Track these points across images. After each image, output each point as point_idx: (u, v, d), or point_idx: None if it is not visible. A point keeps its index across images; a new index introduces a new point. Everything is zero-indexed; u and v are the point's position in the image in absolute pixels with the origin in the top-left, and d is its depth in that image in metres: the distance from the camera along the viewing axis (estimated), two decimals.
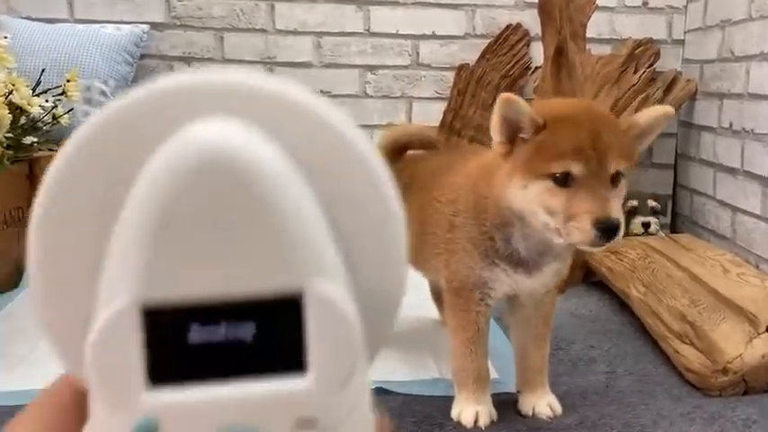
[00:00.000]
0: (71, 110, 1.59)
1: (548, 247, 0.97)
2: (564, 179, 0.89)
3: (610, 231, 0.87)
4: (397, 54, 2.08)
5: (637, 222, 1.87)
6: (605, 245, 0.89)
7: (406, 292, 0.22)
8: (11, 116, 1.39)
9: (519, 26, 2.04)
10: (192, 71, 0.20)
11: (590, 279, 1.74)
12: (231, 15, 2.05)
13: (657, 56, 1.96)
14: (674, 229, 2.10)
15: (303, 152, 0.20)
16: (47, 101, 1.51)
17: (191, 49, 2.05)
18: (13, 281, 1.58)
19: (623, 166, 0.90)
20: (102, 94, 1.85)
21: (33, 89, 1.49)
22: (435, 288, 1.37)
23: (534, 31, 2.00)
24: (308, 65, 2.08)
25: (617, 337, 1.43)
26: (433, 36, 2.07)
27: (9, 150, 1.42)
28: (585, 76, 1.73)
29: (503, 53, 2.02)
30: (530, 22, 2.02)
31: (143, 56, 2.00)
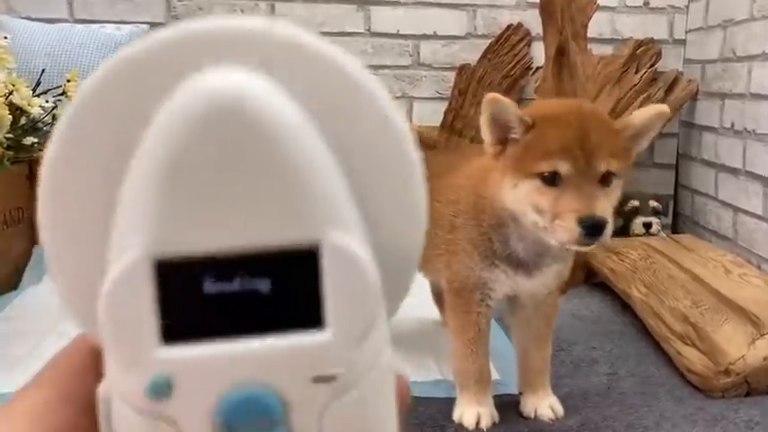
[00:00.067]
0: None
1: (545, 247, 0.96)
2: (552, 178, 0.89)
3: (595, 229, 0.86)
4: (397, 54, 2.08)
5: (638, 223, 1.87)
6: (592, 244, 0.88)
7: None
8: (11, 117, 1.38)
9: (520, 26, 2.04)
10: (203, 18, 0.19)
11: (591, 280, 1.73)
12: (231, 15, 2.04)
13: (659, 56, 1.95)
14: (675, 229, 2.10)
15: (316, 100, 0.19)
16: (47, 101, 1.50)
17: None
18: (13, 281, 1.57)
19: (615, 166, 0.89)
20: None
21: (33, 89, 1.49)
22: (436, 289, 1.37)
23: (535, 30, 2.00)
24: None
25: (619, 339, 1.43)
26: (433, 36, 2.07)
27: (9, 151, 1.42)
28: (587, 76, 1.72)
29: (504, 53, 2.02)
30: (531, 21, 2.01)
31: None
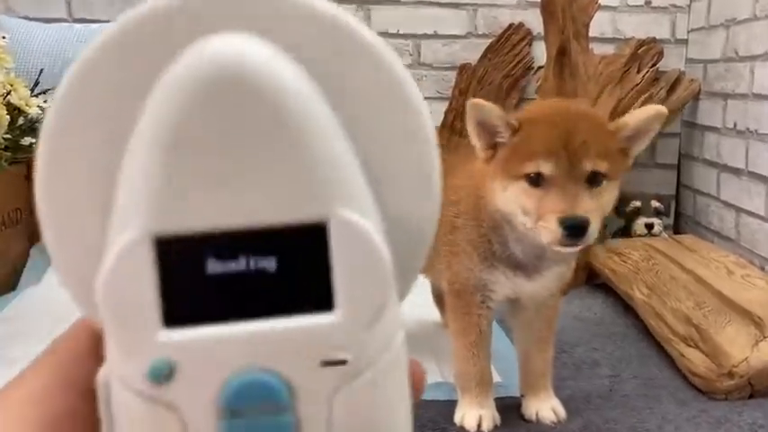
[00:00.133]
0: None
1: (544, 249, 0.95)
2: (537, 179, 0.89)
3: (576, 230, 0.85)
4: (398, 54, 2.07)
5: (640, 223, 1.86)
6: (576, 244, 0.88)
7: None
8: (9, 117, 1.38)
9: (521, 25, 2.03)
10: None
11: (593, 281, 1.73)
12: None
13: (661, 55, 1.94)
14: (677, 229, 2.09)
15: (323, 65, 0.18)
16: (45, 101, 1.50)
17: None
18: (11, 282, 1.57)
19: (604, 166, 0.89)
20: None
21: (32, 89, 1.48)
22: (437, 290, 1.37)
23: (536, 30, 1.99)
24: None
25: (621, 340, 1.42)
26: (434, 35, 2.06)
27: (7, 152, 1.41)
28: (588, 75, 1.71)
29: (505, 53, 2.01)
30: (532, 21, 2.00)
31: None
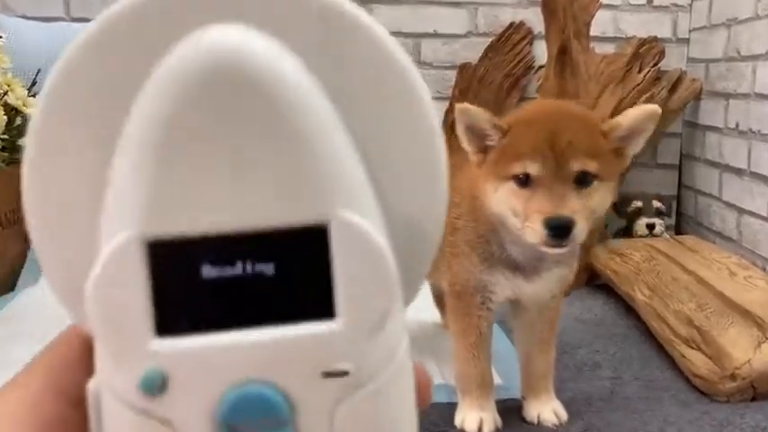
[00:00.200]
0: None
1: (539, 251, 0.95)
2: (525, 180, 0.89)
3: (561, 230, 0.85)
4: None
5: (641, 224, 1.85)
6: (561, 245, 0.87)
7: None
8: (6, 117, 1.37)
9: (522, 24, 2.02)
10: None
11: (594, 282, 1.72)
12: None
13: (662, 55, 1.93)
14: (678, 230, 2.08)
15: (324, 60, 0.17)
16: None
17: None
18: (10, 283, 1.56)
19: (593, 166, 0.88)
20: None
21: (29, 90, 1.47)
22: (437, 291, 1.36)
23: (537, 29, 1.98)
24: None
25: (622, 342, 1.41)
26: (434, 35, 2.05)
27: (4, 152, 1.41)
28: (589, 75, 1.70)
29: (505, 52, 2.00)
30: (533, 19, 1.99)
31: None
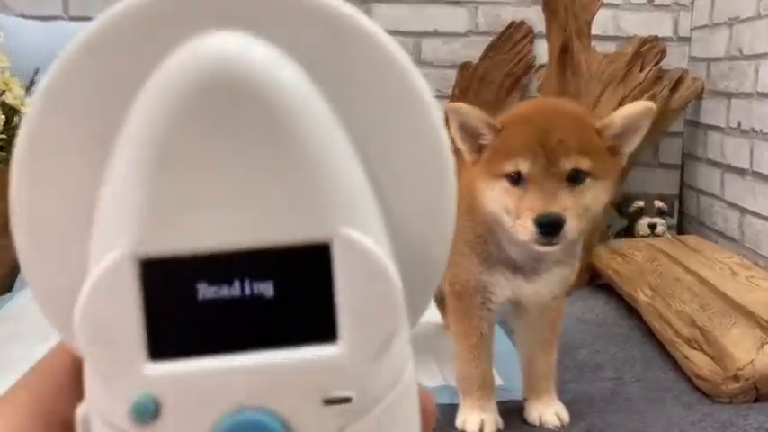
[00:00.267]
0: None
1: (534, 250, 0.94)
2: (517, 178, 0.89)
3: (550, 228, 0.85)
4: None
5: (643, 223, 1.85)
6: (551, 243, 0.87)
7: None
8: (4, 117, 1.37)
9: (522, 23, 2.01)
10: None
11: (596, 282, 1.71)
12: None
13: (663, 54, 1.92)
14: (680, 230, 2.07)
15: (326, 68, 0.16)
16: None
17: None
18: (8, 283, 1.56)
19: (585, 164, 0.88)
20: None
21: (27, 89, 1.47)
22: (438, 292, 1.35)
23: (538, 28, 1.97)
24: None
25: (624, 342, 1.41)
26: (435, 33, 2.04)
27: (2, 152, 1.40)
28: (591, 74, 1.70)
29: (506, 51, 1.99)
30: (534, 18, 1.98)
31: None
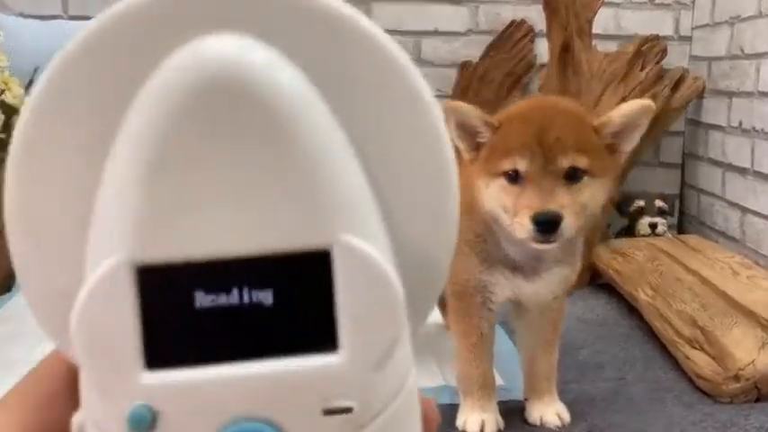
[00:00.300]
0: None
1: (536, 249, 0.94)
2: (515, 176, 0.89)
3: (548, 225, 0.85)
4: None
5: (644, 223, 1.84)
6: (549, 241, 0.87)
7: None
8: (3, 116, 1.36)
9: (523, 22, 2.01)
10: None
11: (596, 281, 1.71)
12: None
13: (664, 53, 1.91)
14: (681, 229, 2.07)
15: (327, 72, 0.16)
16: None
17: None
18: (8, 284, 1.55)
19: (583, 162, 0.88)
20: None
21: (26, 88, 1.46)
22: None
23: (539, 27, 1.96)
24: None
25: (625, 342, 1.40)
26: (435, 32, 2.04)
27: (2, 151, 1.40)
28: (592, 73, 1.69)
29: (507, 50, 1.98)
30: (534, 17, 1.98)
31: None
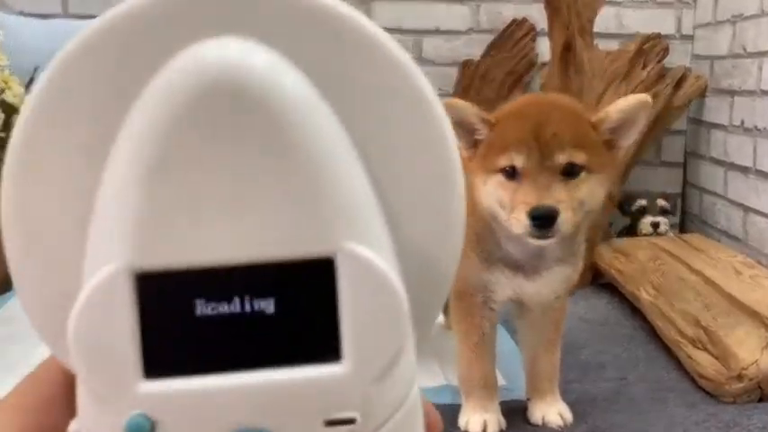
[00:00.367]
0: None
1: (537, 247, 0.94)
2: (512, 172, 0.89)
3: (544, 220, 0.85)
4: None
5: (646, 222, 1.84)
6: (546, 236, 0.88)
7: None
8: (3, 115, 1.36)
9: (524, 21, 2.00)
10: None
11: (598, 281, 1.71)
12: None
13: (666, 51, 1.91)
14: (683, 228, 2.07)
15: (330, 75, 0.16)
16: None
17: None
18: (8, 284, 1.55)
19: (580, 158, 0.88)
20: None
21: (26, 87, 1.46)
22: None
23: (540, 26, 1.96)
24: None
25: (627, 342, 1.40)
26: (436, 31, 2.03)
27: (1, 151, 1.39)
28: (593, 72, 1.69)
29: (508, 49, 1.98)
30: (536, 16, 1.97)
31: None
